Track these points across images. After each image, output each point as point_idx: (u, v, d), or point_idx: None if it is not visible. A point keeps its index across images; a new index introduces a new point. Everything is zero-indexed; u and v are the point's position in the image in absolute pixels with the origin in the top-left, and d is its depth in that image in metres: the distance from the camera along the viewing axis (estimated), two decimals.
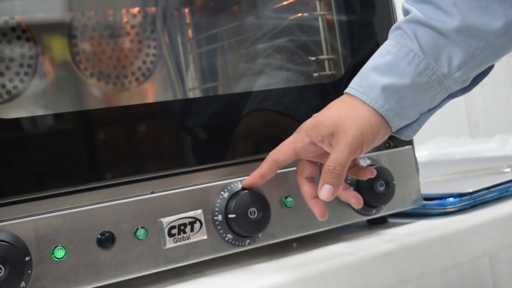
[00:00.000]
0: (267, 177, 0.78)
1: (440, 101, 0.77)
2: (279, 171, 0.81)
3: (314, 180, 0.79)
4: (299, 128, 0.77)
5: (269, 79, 0.99)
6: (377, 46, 0.91)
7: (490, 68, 0.79)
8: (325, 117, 0.75)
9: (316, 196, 0.76)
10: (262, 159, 0.80)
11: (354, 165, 0.80)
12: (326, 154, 0.76)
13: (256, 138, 0.85)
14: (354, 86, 0.75)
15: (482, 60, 0.74)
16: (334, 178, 0.72)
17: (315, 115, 0.77)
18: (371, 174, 0.79)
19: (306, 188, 0.78)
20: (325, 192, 0.73)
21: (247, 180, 0.78)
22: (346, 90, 0.76)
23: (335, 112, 0.75)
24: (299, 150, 0.76)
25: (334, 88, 0.89)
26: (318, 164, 0.79)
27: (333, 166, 0.72)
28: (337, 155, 0.72)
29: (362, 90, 0.74)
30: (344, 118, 0.73)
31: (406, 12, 0.78)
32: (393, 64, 0.74)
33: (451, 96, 0.78)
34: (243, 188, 0.78)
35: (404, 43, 0.74)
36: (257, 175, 0.77)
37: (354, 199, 0.78)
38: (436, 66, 0.73)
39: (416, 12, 0.74)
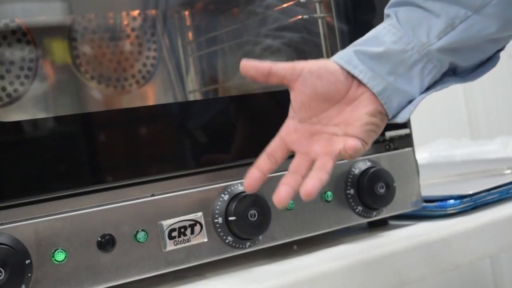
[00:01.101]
0: (264, 170, 0.73)
1: (431, 80, 0.75)
2: (279, 173, 0.81)
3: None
4: None
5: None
6: None
7: (493, 61, 0.78)
8: None
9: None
10: None
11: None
12: (309, 143, 0.73)
13: (256, 140, 0.85)
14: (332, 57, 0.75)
15: (465, 31, 0.73)
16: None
17: None
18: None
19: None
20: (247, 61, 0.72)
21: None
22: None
23: None
24: (282, 133, 0.74)
25: None
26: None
27: None
28: None
29: (337, 55, 0.74)
30: None
31: None
32: (371, 38, 0.75)
33: (447, 80, 0.76)
34: (243, 191, 0.78)
35: (386, 21, 0.76)
36: (254, 171, 0.73)
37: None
38: (414, 35, 0.74)
39: None
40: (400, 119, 0.74)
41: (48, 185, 0.70)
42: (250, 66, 0.72)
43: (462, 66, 0.76)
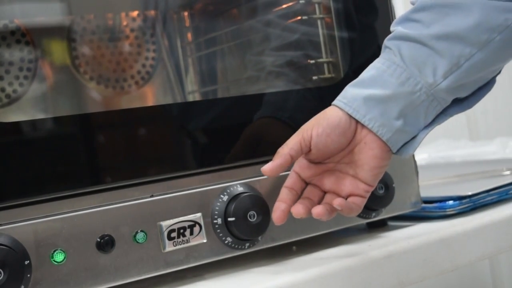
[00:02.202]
0: (288, 202, 0.76)
1: (434, 116, 0.77)
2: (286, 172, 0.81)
3: (301, 180, 0.78)
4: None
5: (268, 82, 0.99)
6: (377, 48, 0.92)
7: (490, 83, 0.78)
8: (308, 121, 0.77)
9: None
10: (261, 162, 0.79)
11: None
12: (324, 175, 0.77)
13: (255, 141, 0.85)
14: (339, 97, 0.76)
15: (470, 69, 0.73)
16: (277, 155, 0.75)
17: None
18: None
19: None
20: (266, 165, 0.75)
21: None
22: (333, 103, 0.77)
23: (314, 117, 0.77)
24: (296, 168, 0.78)
25: (333, 91, 0.89)
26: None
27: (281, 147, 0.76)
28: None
29: (346, 101, 0.75)
30: (315, 119, 0.76)
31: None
32: (376, 77, 0.74)
33: (448, 112, 0.77)
34: (242, 192, 0.78)
35: (389, 57, 0.75)
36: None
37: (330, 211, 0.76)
38: (420, 76, 0.73)
39: (399, 29, 0.75)
40: (405, 155, 0.77)
41: (47, 186, 0.70)
42: (275, 169, 0.75)
43: (462, 96, 0.77)
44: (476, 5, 0.71)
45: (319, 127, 0.74)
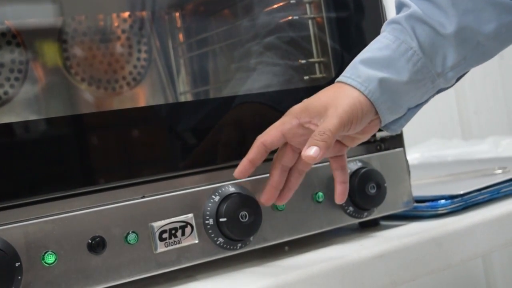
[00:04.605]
0: (256, 162, 0.77)
1: (428, 98, 0.78)
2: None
3: (287, 170, 0.78)
4: (288, 111, 0.77)
5: (260, 82, 0.99)
6: None
7: None
8: (315, 99, 0.75)
9: (276, 187, 0.78)
10: None
11: (341, 167, 0.80)
12: None
13: (247, 142, 0.84)
14: (350, 75, 0.74)
15: (474, 61, 0.75)
16: (322, 141, 0.70)
17: (305, 100, 0.77)
18: (340, 198, 0.80)
19: (275, 173, 0.78)
20: (312, 151, 0.70)
21: (237, 169, 0.77)
22: (341, 79, 0.75)
23: (325, 95, 0.75)
24: (287, 133, 0.76)
25: None
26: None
27: (322, 131, 0.71)
28: (327, 123, 0.71)
29: (360, 81, 0.73)
30: (333, 99, 0.74)
31: (401, 4, 0.77)
32: (392, 60, 0.74)
33: (438, 92, 0.79)
34: (234, 192, 0.78)
35: (404, 39, 0.74)
36: (246, 161, 0.77)
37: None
38: (431, 65, 0.74)
39: (415, 7, 0.74)
40: (392, 131, 0.78)
41: (38, 187, 0.70)
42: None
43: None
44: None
45: (358, 122, 0.73)
